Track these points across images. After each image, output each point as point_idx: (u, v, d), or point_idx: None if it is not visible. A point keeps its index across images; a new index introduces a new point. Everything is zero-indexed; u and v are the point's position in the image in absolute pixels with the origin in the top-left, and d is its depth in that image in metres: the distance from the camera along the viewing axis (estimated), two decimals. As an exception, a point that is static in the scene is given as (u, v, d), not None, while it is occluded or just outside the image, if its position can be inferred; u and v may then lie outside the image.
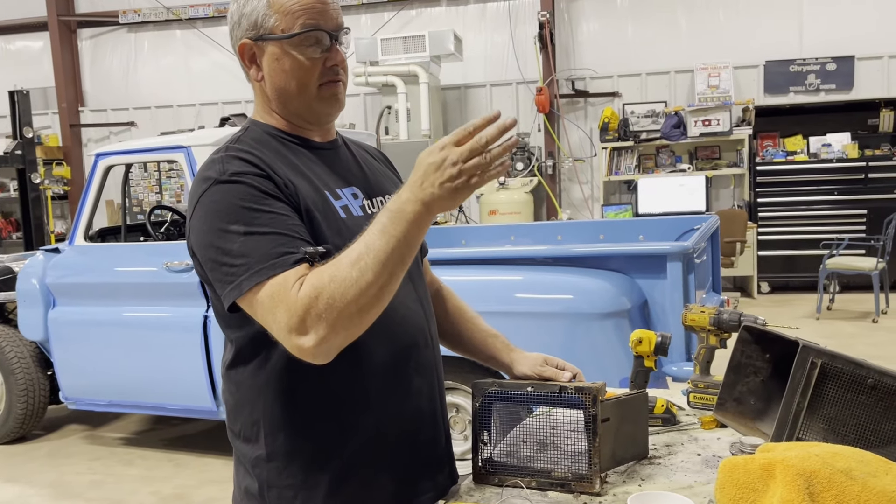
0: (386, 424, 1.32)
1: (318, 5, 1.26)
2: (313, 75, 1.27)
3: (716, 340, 1.80)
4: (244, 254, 1.12)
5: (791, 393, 1.32)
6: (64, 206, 10.55)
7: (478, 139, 1.07)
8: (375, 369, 1.29)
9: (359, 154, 1.47)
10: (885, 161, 7.88)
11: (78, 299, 4.25)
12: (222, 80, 9.69)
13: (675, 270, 3.15)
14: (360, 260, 1.07)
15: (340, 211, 1.28)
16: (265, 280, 1.10)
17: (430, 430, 1.41)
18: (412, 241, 1.09)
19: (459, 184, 1.06)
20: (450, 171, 1.06)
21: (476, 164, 1.06)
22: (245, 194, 1.17)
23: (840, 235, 7.39)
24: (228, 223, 1.15)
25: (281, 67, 1.27)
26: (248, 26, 1.28)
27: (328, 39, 1.27)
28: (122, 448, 4.61)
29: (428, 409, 1.40)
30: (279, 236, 1.14)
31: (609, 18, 8.98)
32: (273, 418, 1.28)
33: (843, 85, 8.36)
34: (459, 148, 1.07)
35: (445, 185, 1.06)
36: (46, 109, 10.59)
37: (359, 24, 9.49)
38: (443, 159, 1.06)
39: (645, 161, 8.72)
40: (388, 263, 1.08)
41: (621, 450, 1.43)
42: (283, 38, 1.25)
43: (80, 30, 10.53)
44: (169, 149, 4.07)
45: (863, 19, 8.27)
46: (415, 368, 1.36)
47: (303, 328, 1.07)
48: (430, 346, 1.41)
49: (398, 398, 1.33)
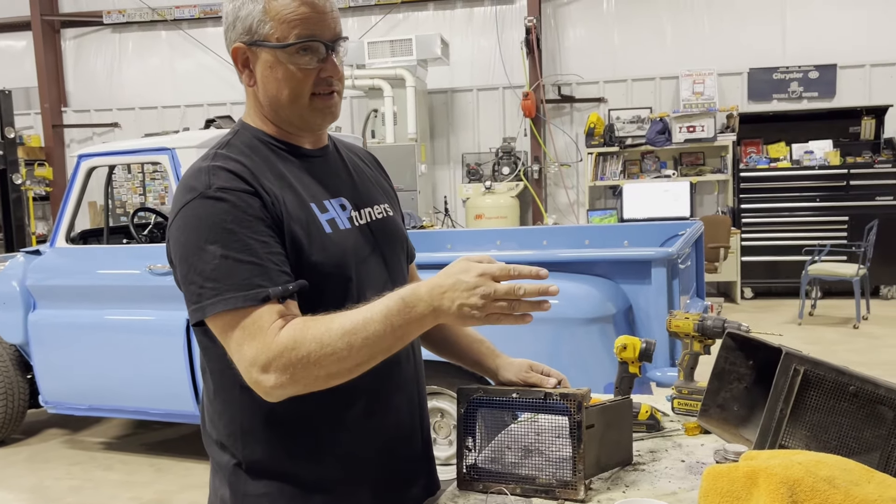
0: (364, 440, 1.30)
1: (314, 15, 1.22)
2: (306, 86, 1.24)
3: (700, 347, 1.80)
4: (216, 279, 1.12)
5: (774, 400, 1.33)
6: (45, 207, 10.44)
7: (517, 288, 1.07)
8: (354, 386, 1.24)
9: (349, 160, 1.44)
10: (867, 168, 7.97)
11: (59, 302, 4.21)
12: (207, 82, 9.64)
13: (660, 276, 3.16)
14: (352, 335, 1.09)
15: (326, 225, 1.26)
16: (231, 310, 1.11)
17: (409, 445, 1.40)
18: (408, 337, 1.13)
19: (477, 315, 1.07)
20: (475, 301, 1.06)
21: (501, 308, 1.07)
22: (227, 214, 1.15)
23: (822, 242, 7.46)
24: (206, 242, 1.13)
25: (274, 76, 1.24)
26: (243, 30, 1.25)
27: (324, 50, 1.24)
28: (102, 453, 4.56)
29: (407, 424, 1.39)
30: (254, 266, 1.12)
31: (595, 25, 9.03)
32: (249, 428, 1.27)
33: (826, 93, 8.45)
34: (496, 285, 1.07)
35: (464, 308, 1.07)
36: (29, 110, 10.49)
37: (346, 28, 9.37)
38: (475, 286, 1.07)
39: (630, 166, 8.77)
40: (376, 349, 1.10)
41: (606, 456, 1.43)
42: (278, 47, 1.22)
43: (63, 30, 10.45)
44: (153, 150, 4.04)
45: (845, 29, 8.37)
46: (395, 384, 1.35)
47: (268, 369, 1.09)
48: (412, 360, 1.40)
49: (377, 415, 1.32)
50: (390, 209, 1.45)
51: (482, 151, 9.21)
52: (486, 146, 9.19)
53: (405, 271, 1.46)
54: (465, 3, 9.31)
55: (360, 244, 1.31)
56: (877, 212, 7.70)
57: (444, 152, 9.42)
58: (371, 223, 1.36)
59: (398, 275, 1.41)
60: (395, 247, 1.41)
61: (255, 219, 1.16)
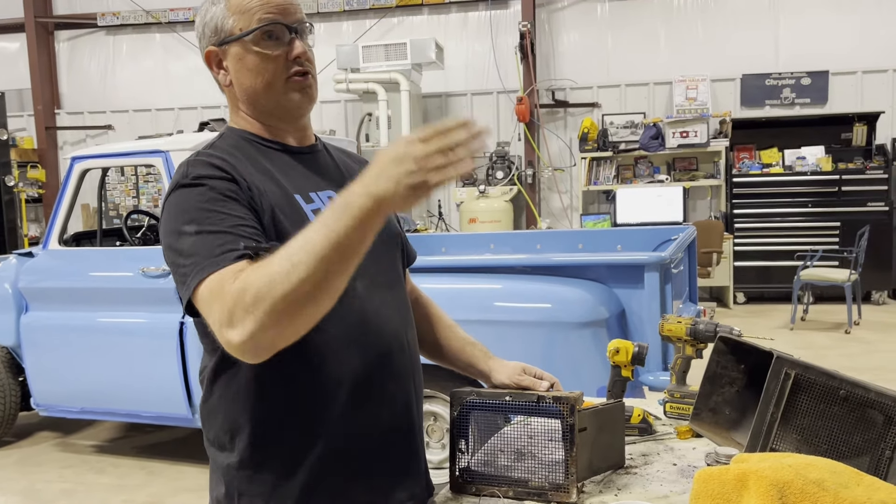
0: (358, 433, 1.30)
1: (273, 1, 1.27)
2: (277, 70, 1.28)
3: (692, 351, 1.82)
4: (193, 253, 1.12)
5: (765, 403, 1.34)
6: (38, 209, 10.40)
7: (447, 139, 1.00)
8: (347, 378, 1.28)
9: (339, 159, 1.46)
10: (858, 174, 8.01)
11: (51, 304, 4.19)
12: (201, 85, 9.62)
13: (653, 280, 3.17)
14: (294, 255, 1.01)
15: (311, 215, 1.27)
16: (206, 276, 1.09)
17: (404, 440, 1.38)
18: (356, 239, 1.02)
19: (417, 180, 0.99)
20: (409, 166, 0.98)
21: (440, 164, 0.99)
22: (202, 196, 1.17)
23: (814, 247, 7.50)
24: (183, 224, 1.15)
25: (245, 66, 1.28)
26: (211, 33, 1.30)
27: (288, 33, 1.28)
28: (94, 456, 4.54)
29: (402, 418, 1.38)
30: (225, 234, 1.12)
31: (589, 30, 9.06)
32: (244, 426, 1.28)
33: (818, 99, 8.51)
34: (425, 145, 1.00)
35: (403, 180, 0.99)
36: (22, 111, 10.45)
37: (340, 31, 9.49)
38: (405, 153, 0.99)
39: (623, 171, 8.80)
40: (326, 260, 1.00)
41: (598, 459, 1.43)
42: (243, 36, 1.27)
43: (57, 31, 10.42)
44: (147, 153, 4.03)
45: (837, 36, 8.43)
46: (389, 376, 1.34)
47: (231, 322, 1.03)
48: (407, 354, 1.39)
49: (371, 407, 1.31)
50: None
51: (476, 156, 9.21)
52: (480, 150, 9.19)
53: (399, 267, 1.45)
54: (459, 7, 9.33)
55: None
56: (868, 217, 7.74)
57: (438, 156, 9.41)
58: None
59: (391, 269, 1.40)
60: (388, 242, 1.42)
61: (230, 199, 1.17)
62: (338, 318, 1.24)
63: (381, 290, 1.35)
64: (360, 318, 1.29)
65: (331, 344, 1.26)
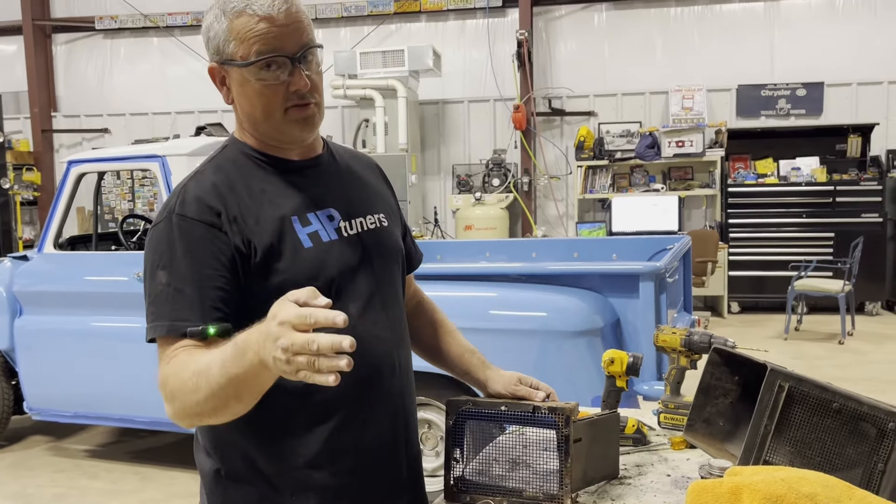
0: (343, 451, 1.30)
1: (274, 29, 1.20)
2: (276, 101, 1.24)
3: (686, 361, 1.82)
4: (156, 304, 1.20)
5: (759, 416, 1.34)
6: (33, 211, 10.38)
7: (311, 341, 0.92)
8: (335, 398, 1.27)
9: (346, 168, 1.43)
10: (852, 185, 8.05)
11: (45, 308, 4.18)
12: (198, 89, 9.61)
13: (648, 290, 3.18)
14: (199, 376, 1.08)
15: (306, 240, 1.26)
16: (160, 336, 1.19)
17: (390, 459, 1.37)
18: (248, 385, 1.04)
19: (285, 369, 0.95)
20: (279, 354, 0.94)
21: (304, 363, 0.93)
22: (177, 239, 1.21)
23: (808, 258, 7.53)
24: (157, 267, 1.21)
25: (245, 93, 1.25)
26: (213, 50, 1.26)
27: (289, 63, 1.22)
28: (86, 460, 4.52)
29: (389, 438, 1.37)
30: (186, 298, 1.18)
31: (586, 39, 9.10)
32: (228, 436, 1.28)
33: (813, 110, 8.55)
34: (294, 336, 0.93)
35: (277, 361, 0.95)
36: (18, 114, 10.43)
37: (338, 38, 9.50)
38: (277, 336, 0.94)
39: (619, 180, 8.82)
40: (220, 394, 1.06)
41: (592, 470, 1.44)
42: (242, 65, 1.22)
43: (55, 34, 10.42)
44: (144, 158, 4.03)
45: (832, 48, 8.48)
46: (377, 397, 1.34)
47: (162, 394, 1.15)
48: (398, 375, 1.38)
49: (358, 426, 1.31)
50: (386, 219, 1.43)
51: (472, 163, 9.24)
52: (477, 158, 9.23)
53: (397, 283, 1.44)
54: (457, 15, 9.36)
55: (347, 255, 1.31)
56: (862, 229, 7.78)
57: (434, 163, 9.44)
58: (362, 233, 1.35)
59: (388, 287, 1.39)
60: (387, 258, 1.40)
61: (203, 250, 1.20)
62: None
63: (374, 311, 1.34)
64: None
65: None
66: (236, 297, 1.20)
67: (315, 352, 0.92)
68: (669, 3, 8.88)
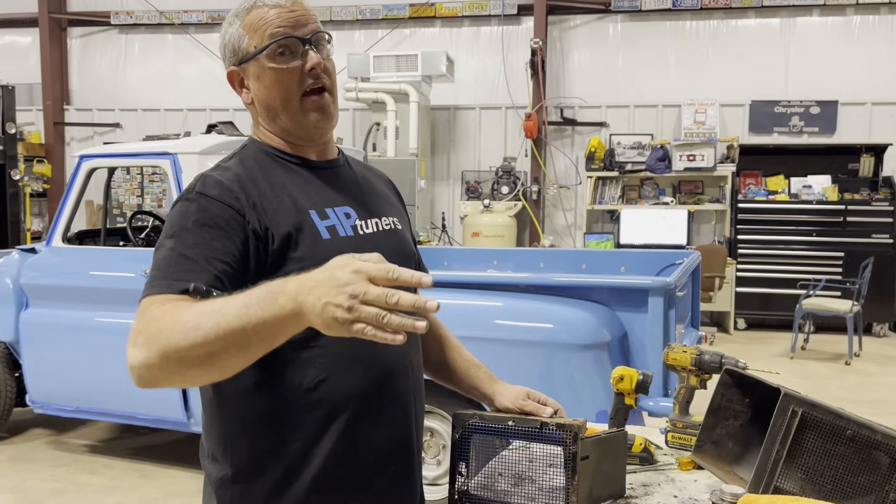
0: (353, 453, 1.29)
1: (284, 13, 1.27)
2: (293, 84, 1.27)
3: (696, 381, 1.80)
4: (158, 267, 1.15)
5: (771, 440, 1.32)
6: (42, 203, 10.41)
7: (391, 294, 0.91)
8: (346, 396, 1.26)
9: (360, 174, 1.46)
10: (864, 205, 8.01)
11: (51, 301, 4.18)
12: (211, 87, 9.66)
13: (657, 305, 3.16)
14: (206, 316, 1.00)
15: (324, 231, 1.27)
16: (152, 294, 1.11)
17: (399, 462, 1.36)
18: (264, 333, 0.98)
19: (342, 318, 0.92)
20: (341, 300, 0.92)
21: (371, 315, 0.91)
22: (194, 215, 1.19)
23: (817, 276, 7.48)
24: (167, 237, 1.19)
25: (262, 84, 1.29)
26: (231, 54, 1.32)
27: (301, 45, 1.27)
28: (86, 455, 4.51)
29: (400, 440, 1.35)
30: (192, 262, 1.14)
31: (600, 50, 9.09)
32: (238, 438, 1.27)
33: (826, 128, 8.51)
34: (368, 286, 0.92)
35: (329, 308, 0.92)
36: (31, 106, 10.48)
37: (352, 41, 9.52)
38: (346, 283, 0.92)
39: (629, 192, 8.80)
40: (227, 339, 0.98)
41: (598, 488, 1.42)
42: (257, 53, 1.27)
43: (70, 28, 10.47)
44: (155, 155, 4.04)
45: (847, 66, 8.45)
46: (389, 397, 1.33)
47: (134, 342, 1.04)
48: (410, 376, 1.38)
49: (368, 427, 1.30)
50: (399, 224, 1.45)
51: (482, 170, 9.23)
52: (487, 165, 9.22)
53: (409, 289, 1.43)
54: (472, 21, 9.36)
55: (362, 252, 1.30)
56: (872, 249, 7.73)
57: (444, 169, 9.44)
58: (377, 233, 1.37)
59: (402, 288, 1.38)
60: (401, 259, 1.39)
61: (216, 227, 1.18)
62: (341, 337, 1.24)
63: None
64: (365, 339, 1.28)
65: (332, 361, 1.25)
66: (241, 280, 1.16)
67: (392, 305, 0.91)
68: (685, 17, 8.86)
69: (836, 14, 8.53)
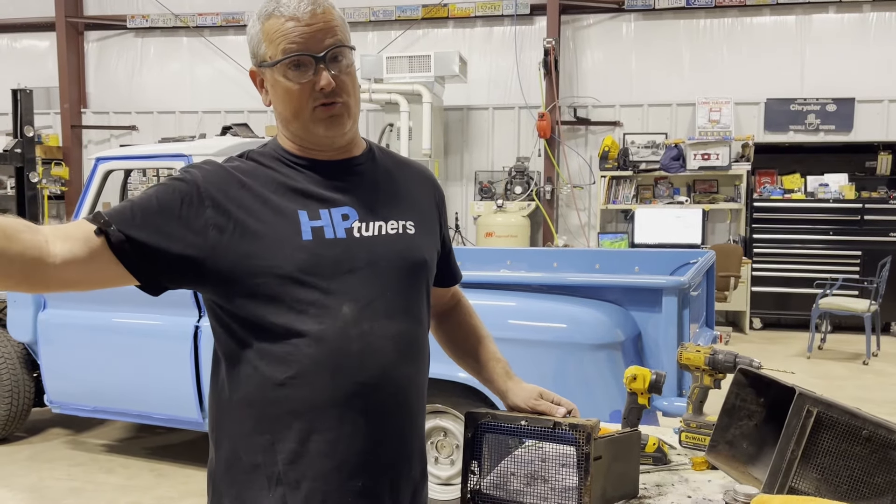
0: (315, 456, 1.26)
1: (300, 28, 1.24)
2: (304, 100, 1.27)
3: (710, 381, 1.79)
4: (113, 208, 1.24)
5: (786, 441, 1.31)
6: (60, 206, 10.51)
7: None
8: (310, 398, 1.25)
9: (384, 173, 1.41)
10: (882, 204, 7.93)
11: (68, 302, 4.22)
12: (226, 89, 9.71)
13: (671, 305, 3.14)
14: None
15: (307, 232, 1.27)
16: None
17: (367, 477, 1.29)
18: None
19: None
20: None
21: None
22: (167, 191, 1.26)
23: (834, 275, 7.42)
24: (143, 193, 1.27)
25: (276, 93, 1.30)
26: (252, 54, 1.33)
27: (314, 63, 1.25)
28: (103, 455, 4.55)
29: (368, 456, 1.29)
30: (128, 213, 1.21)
31: (614, 49, 9.05)
32: (223, 425, 1.33)
33: (843, 126, 8.43)
34: None
35: None
36: (49, 109, 10.58)
37: (365, 42, 9.54)
38: None
39: (643, 191, 8.76)
40: None
41: (612, 488, 1.41)
42: (271, 65, 1.27)
43: (87, 32, 10.56)
44: (170, 157, 4.07)
45: (864, 63, 8.36)
46: (358, 412, 1.27)
47: None
48: (392, 391, 1.30)
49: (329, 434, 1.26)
50: (414, 228, 1.39)
51: (495, 170, 9.22)
52: (500, 165, 9.21)
53: (410, 295, 1.37)
54: (484, 22, 9.36)
55: (351, 255, 1.29)
56: (891, 248, 7.65)
57: (457, 169, 9.44)
58: (377, 237, 1.33)
59: (397, 296, 1.33)
60: (401, 266, 1.35)
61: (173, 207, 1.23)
62: (314, 337, 1.24)
63: (375, 317, 1.29)
64: (340, 342, 1.25)
65: (303, 361, 1.25)
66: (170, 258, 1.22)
67: None
68: (699, 15, 8.81)
69: (853, 11, 8.44)
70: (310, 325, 1.24)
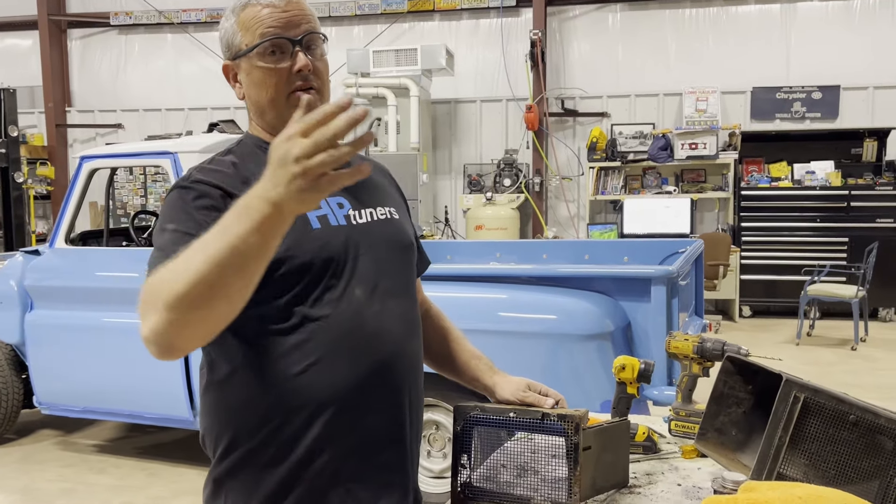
0: (341, 438, 1.27)
1: (276, 13, 1.27)
2: (280, 84, 1.28)
3: (699, 369, 1.80)
4: (161, 247, 1.16)
5: (773, 427, 1.32)
6: (46, 206, 10.44)
7: (322, 132, 0.92)
8: (336, 384, 1.26)
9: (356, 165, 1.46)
10: (867, 190, 7.98)
11: (56, 303, 4.19)
12: (212, 86, 9.64)
13: (660, 294, 3.15)
14: (191, 256, 1.00)
15: (314, 221, 1.28)
16: (154, 270, 1.10)
17: (391, 453, 1.34)
18: (254, 243, 0.98)
19: (304, 184, 0.93)
20: (292, 169, 0.93)
21: (322, 162, 0.93)
22: (192, 199, 1.22)
23: (821, 262, 7.46)
24: (167, 222, 1.21)
25: (252, 81, 1.31)
26: (225, 48, 1.34)
27: (291, 46, 1.28)
28: (94, 455, 4.54)
29: (392, 431, 1.33)
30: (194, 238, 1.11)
31: (600, 40, 9.06)
32: (226, 424, 1.30)
33: (828, 114, 8.47)
34: (304, 140, 0.93)
35: (290, 185, 0.94)
36: (33, 108, 10.50)
37: (351, 36, 9.50)
38: (286, 153, 0.94)
39: (631, 182, 8.78)
40: (222, 263, 0.98)
41: (601, 478, 1.42)
42: (248, 51, 1.29)
43: (70, 30, 10.47)
44: (156, 154, 4.04)
45: (849, 51, 8.40)
46: (381, 387, 1.31)
47: (142, 317, 1.05)
48: (405, 367, 1.35)
49: (358, 416, 1.28)
50: (396, 213, 1.44)
51: (484, 162, 9.21)
52: (488, 157, 9.21)
53: (408, 275, 1.42)
54: (470, 14, 9.34)
55: (355, 240, 1.32)
56: (877, 234, 7.70)
57: (446, 162, 9.43)
58: (372, 223, 1.37)
59: (397, 276, 1.38)
60: (397, 249, 1.40)
61: (215, 209, 1.19)
62: (331, 321, 1.25)
63: (383, 298, 1.33)
64: (356, 324, 1.28)
65: (322, 347, 1.25)
66: None
67: (332, 138, 0.92)
68: (684, 4, 8.82)
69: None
70: (327, 311, 1.25)
